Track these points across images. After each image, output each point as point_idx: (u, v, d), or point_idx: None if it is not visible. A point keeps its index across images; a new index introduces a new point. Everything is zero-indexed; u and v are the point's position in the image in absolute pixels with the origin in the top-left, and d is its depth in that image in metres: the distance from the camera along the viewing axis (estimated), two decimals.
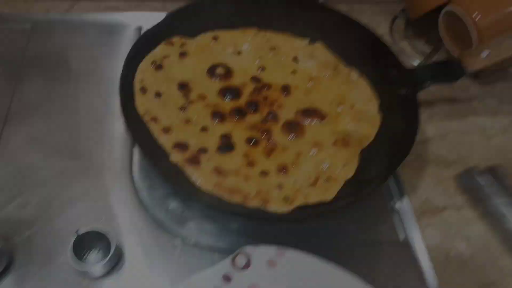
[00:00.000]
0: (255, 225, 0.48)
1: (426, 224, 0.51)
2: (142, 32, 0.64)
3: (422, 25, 0.72)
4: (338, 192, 0.45)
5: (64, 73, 0.61)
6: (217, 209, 0.45)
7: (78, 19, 0.67)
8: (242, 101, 0.53)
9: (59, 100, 0.58)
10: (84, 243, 0.41)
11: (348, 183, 0.46)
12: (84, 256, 0.41)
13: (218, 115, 0.51)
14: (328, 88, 0.55)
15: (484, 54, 0.52)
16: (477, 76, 0.55)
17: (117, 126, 0.55)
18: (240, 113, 0.52)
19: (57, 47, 0.63)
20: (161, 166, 0.45)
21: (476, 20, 0.58)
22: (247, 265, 0.41)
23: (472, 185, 0.51)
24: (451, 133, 0.60)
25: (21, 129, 0.54)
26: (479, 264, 0.48)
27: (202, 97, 0.53)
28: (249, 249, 0.42)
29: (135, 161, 0.52)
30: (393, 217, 0.50)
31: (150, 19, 0.64)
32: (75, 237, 0.41)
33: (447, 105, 0.63)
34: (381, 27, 0.72)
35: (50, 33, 0.65)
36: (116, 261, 0.43)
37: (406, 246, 0.48)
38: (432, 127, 0.60)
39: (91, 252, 0.41)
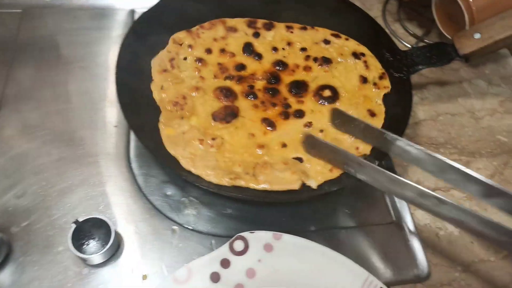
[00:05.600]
0: (251, 211, 0.49)
1: None
2: (136, 15, 0.64)
3: (415, 7, 0.72)
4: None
5: (56, 58, 0.60)
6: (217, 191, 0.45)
7: (68, 3, 0.66)
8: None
9: (52, 86, 0.58)
10: (84, 231, 0.42)
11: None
12: (84, 244, 0.42)
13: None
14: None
15: (477, 35, 0.53)
16: (469, 59, 0.55)
17: (112, 111, 0.56)
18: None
19: (49, 32, 0.63)
20: (160, 153, 0.46)
21: (469, 1, 0.58)
22: (244, 250, 0.42)
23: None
24: (441, 115, 0.61)
25: (15, 117, 0.54)
26: (467, 242, 0.50)
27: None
28: (246, 234, 0.43)
29: (132, 147, 0.52)
30: (386, 199, 0.52)
31: (143, 2, 0.64)
32: (74, 226, 0.42)
33: (438, 87, 0.64)
34: (374, 10, 0.72)
35: (41, 18, 0.64)
36: (115, 249, 0.44)
37: (397, 228, 0.49)
38: (424, 109, 0.61)
39: (90, 239, 0.42)
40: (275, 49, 0.56)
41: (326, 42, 0.58)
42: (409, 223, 0.50)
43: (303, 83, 0.54)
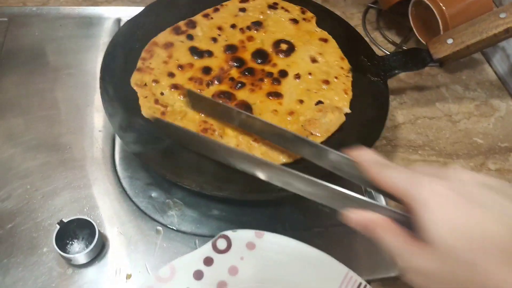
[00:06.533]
0: (234, 211, 0.50)
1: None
2: (122, 23, 0.66)
3: (393, 16, 0.74)
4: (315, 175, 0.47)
5: (42, 66, 0.61)
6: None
7: (55, 12, 0.67)
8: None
9: (38, 93, 0.58)
10: (68, 232, 0.43)
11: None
12: (68, 245, 0.42)
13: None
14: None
15: (449, 41, 0.55)
16: (443, 63, 0.58)
17: (98, 117, 0.56)
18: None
19: (35, 40, 0.64)
20: (145, 154, 0.46)
21: (442, 8, 0.60)
22: (227, 248, 0.43)
23: None
24: (420, 119, 0.63)
25: (0, 124, 0.55)
26: None
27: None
28: (229, 233, 0.44)
29: (117, 151, 0.53)
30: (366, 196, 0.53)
31: (129, 11, 0.65)
32: (58, 227, 0.42)
33: (416, 92, 0.66)
34: (354, 19, 0.74)
35: (27, 26, 0.65)
36: (99, 249, 0.44)
37: None
38: (403, 113, 0.63)
39: (75, 240, 0.42)
40: (214, 39, 0.57)
41: (242, 10, 0.61)
42: None
43: (260, 51, 0.57)
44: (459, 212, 0.27)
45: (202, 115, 0.50)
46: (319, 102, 0.52)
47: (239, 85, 0.53)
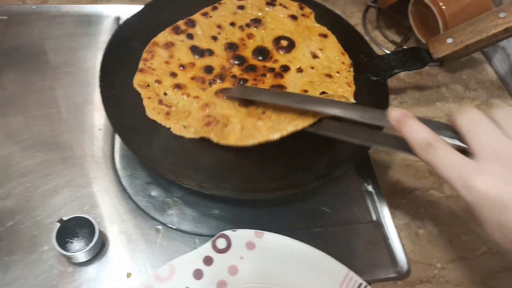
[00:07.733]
0: (233, 211, 0.50)
1: (397, 204, 0.54)
2: (121, 22, 0.65)
3: (393, 15, 0.74)
4: (311, 175, 0.47)
5: (42, 65, 0.61)
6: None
7: (54, 10, 0.67)
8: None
9: (37, 91, 0.58)
10: (68, 230, 0.43)
11: (322, 165, 0.48)
12: (69, 243, 0.42)
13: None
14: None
15: (449, 40, 0.55)
16: (443, 63, 0.58)
17: (97, 115, 0.56)
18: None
19: (35, 39, 0.64)
20: (143, 153, 0.46)
21: (442, 8, 0.60)
22: (227, 247, 0.43)
23: None
24: None
25: None
26: (445, 241, 0.52)
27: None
28: (229, 232, 0.44)
29: (117, 149, 0.53)
30: (366, 199, 0.53)
31: (128, 9, 0.65)
32: (59, 225, 0.42)
33: (417, 92, 0.66)
34: (354, 18, 0.74)
35: (27, 25, 0.65)
36: (100, 247, 0.44)
37: (378, 226, 0.50)
38: None
39: (75, 238, 0.42)
40: (214, 38, 0.57)
41: (240, 8, 0.61)
42: (389, 222, 0.51)
43: (260, 48, 0.57)
44: None
45: (207, 110, 0.50)
46: (323, 93, 0.53)
47: (242, 82, 0.53)
